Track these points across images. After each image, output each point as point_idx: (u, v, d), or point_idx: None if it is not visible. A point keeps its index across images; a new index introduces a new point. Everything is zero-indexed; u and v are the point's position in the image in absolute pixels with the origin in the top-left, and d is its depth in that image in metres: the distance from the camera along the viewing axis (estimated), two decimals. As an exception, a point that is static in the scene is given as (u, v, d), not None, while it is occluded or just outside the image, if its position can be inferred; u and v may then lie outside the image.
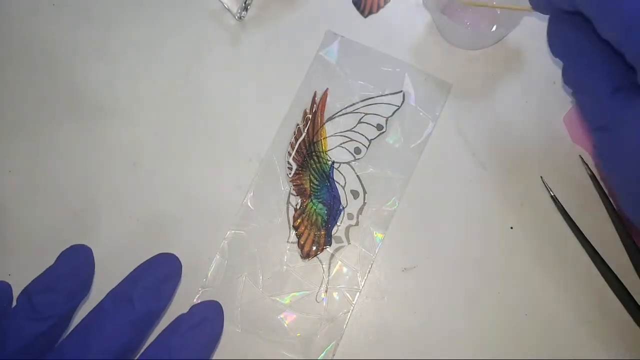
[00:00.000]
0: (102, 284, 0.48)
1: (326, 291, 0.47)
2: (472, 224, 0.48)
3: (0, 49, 0.54)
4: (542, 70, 0.51)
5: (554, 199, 0.47)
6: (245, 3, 0.52)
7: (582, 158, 0.48)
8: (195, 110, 0.51)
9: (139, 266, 0.36)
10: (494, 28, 0.51)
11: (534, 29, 0.52)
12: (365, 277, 0.47)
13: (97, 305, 0.34)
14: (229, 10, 0.52)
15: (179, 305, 0.47)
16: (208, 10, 0.54)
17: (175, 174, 0.50)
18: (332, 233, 0.48)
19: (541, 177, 0.48)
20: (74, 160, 0.51)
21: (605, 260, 0.45)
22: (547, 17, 0.38)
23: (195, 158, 0.50)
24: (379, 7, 0.54)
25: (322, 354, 0.45)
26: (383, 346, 0.46)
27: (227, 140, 0.50)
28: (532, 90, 0.51)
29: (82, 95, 0.52)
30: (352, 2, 0.54)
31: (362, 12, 0.54)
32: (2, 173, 0.50)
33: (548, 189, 0.47)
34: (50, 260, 0.49)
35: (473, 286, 0.47)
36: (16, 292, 0.48)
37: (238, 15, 0.52)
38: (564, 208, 0.46)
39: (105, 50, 0.53)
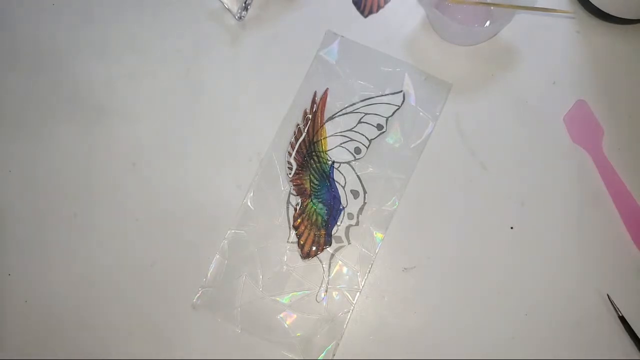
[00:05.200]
0: (103, 284, 0.48)
1: (326, 291, 0.47)
2: (472, 224, 0.48)
3: (1, 49, 0.54)
4: (542, 70, 0.51)
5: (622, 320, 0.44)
6: (245, 3, 0.52)
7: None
8: (195, 110, 0.51)
9: None
10: (487, 24, 0.51)
11: (533, 29, 0.52)
12: (365, 277, 0.47)
13: None
14: (229, 10, 0.52)
15: (180, 305, 0.47)
16: (208, 10, 0.54)
17: (175, 174, 0.50)
18: (332, 233, 0.48)
19: (607, 295, 0.45)
20: (74, 160, 0.51)
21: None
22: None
23: (195, 158, 0.50)
24: (379, 7, 0.54)
25: (322, 354, 0.45)
26: (383, 346, 0.46)
27: (227, 140, 0.50)
28: (532, 90, 0.51)
29: (82, 95, 0.52)
30: (352, 2, 0.54)
31: (362, 12, 0.54)
32: (2, 173, 0.50)
33: (616, 309, 0.45)
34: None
35: (473, 286, 0.47)
36: (16, 292, 0.48)
37: (238, 15, 0.52)
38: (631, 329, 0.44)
39: (105, 50, 0.53)
